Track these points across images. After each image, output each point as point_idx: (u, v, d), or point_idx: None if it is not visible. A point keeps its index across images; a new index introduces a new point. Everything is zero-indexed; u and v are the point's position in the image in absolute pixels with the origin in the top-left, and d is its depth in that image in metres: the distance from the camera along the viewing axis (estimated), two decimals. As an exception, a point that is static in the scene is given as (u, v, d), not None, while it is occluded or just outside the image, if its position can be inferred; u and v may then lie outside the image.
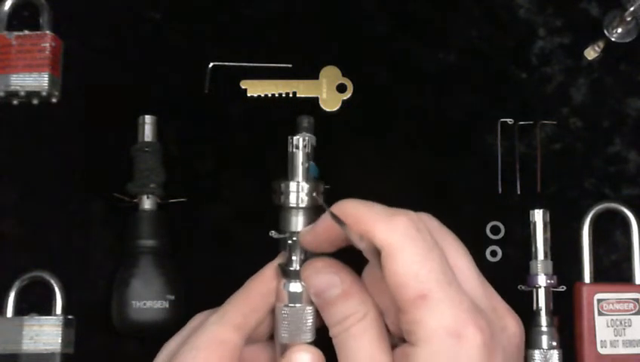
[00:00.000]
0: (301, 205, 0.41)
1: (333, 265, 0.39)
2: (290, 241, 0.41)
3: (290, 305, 0.40)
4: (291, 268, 0.41)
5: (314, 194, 0.41)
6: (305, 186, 0.41)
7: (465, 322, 0.33)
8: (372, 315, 0.37)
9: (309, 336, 0.40)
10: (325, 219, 0.38)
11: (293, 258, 0.41)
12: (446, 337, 0.32)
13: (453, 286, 0.33)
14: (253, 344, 0.42)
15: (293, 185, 0.41)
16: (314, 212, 0.42)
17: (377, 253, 0.34)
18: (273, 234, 0.42)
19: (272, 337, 0.42)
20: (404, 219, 0.34)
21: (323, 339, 0.40)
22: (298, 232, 0.41)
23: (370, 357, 0.36)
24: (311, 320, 0.40)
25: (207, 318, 0.41)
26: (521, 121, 0.58)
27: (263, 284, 0.41)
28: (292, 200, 0.41)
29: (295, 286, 0.40)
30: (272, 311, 0.41)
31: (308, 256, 0.41)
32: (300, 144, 0.42)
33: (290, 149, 0.42)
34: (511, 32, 0.60)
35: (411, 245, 0.33)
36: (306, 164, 0.42)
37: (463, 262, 0.35)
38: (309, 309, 0.40)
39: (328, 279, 0.38)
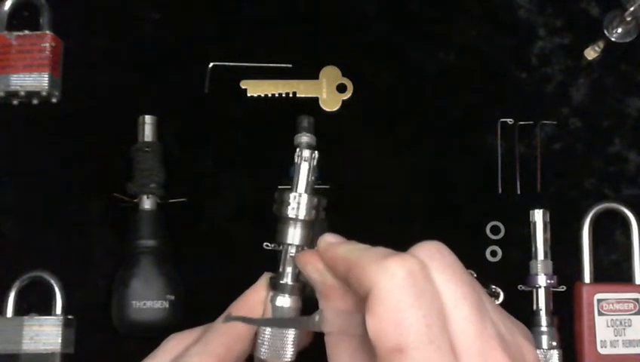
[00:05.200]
0: (300, 217, 0.39)
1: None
2: (284, 254, 0.40)
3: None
4: (282, 281, 0.39)
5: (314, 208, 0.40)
6: (305, 199, 0.40)
7: None
8: None
9: (289, 355, 0.38)
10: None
11: (286, 271, 0.39)
12: None
13: (435, 344, 0.29)
14: None
15: (293, 196, 0.40)
16: (312, 226, 0.40)
17: (364, 297, 0.32)
18: (267, 246, 0.41)
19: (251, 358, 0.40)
20: (396, 260, 0.31)
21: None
22: (293, 245, 0.40)
23: None
24: (293, 337, 0.38)
25: (187, 346, 0.39)
26: (521, 121, 0.58)
27: (246, 311, 0.40)
28: (290, 211, 0.39)
29: (282, 301, 0.39)
30: (257, 336, 0.39)
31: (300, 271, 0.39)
32: (308, 156, 0.40)
33: (296, 161, 0.41)
34: (511, 32, 0.60)
35: (398, 290, 0.30)
36: (312, 177, 0.40)
37: (461, 311, 0.31)
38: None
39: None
